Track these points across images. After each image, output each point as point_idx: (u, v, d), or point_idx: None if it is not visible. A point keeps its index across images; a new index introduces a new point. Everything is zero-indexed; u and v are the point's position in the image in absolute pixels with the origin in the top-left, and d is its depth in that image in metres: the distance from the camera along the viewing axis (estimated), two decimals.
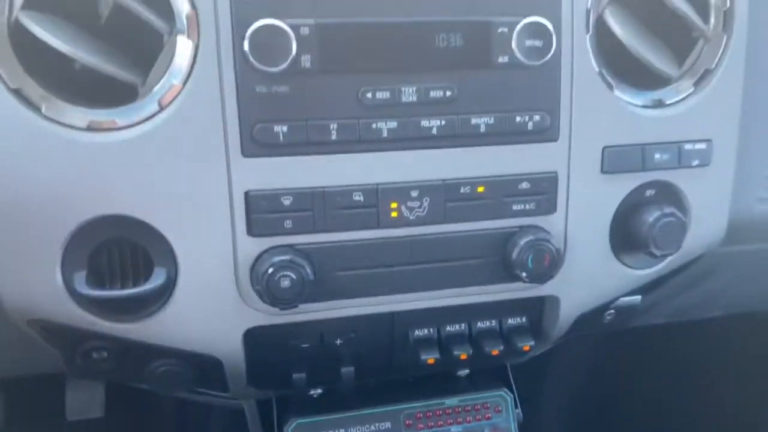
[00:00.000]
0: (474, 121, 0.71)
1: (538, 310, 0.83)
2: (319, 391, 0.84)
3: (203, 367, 0.75)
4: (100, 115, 0.65)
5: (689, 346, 1.49)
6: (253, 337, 0.73)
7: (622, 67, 0.76)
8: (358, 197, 0.70)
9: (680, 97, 0.78)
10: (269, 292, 0.67)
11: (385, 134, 0.69)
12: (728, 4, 0.77)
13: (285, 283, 0.67)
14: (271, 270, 0.67)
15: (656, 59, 0.76)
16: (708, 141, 0.79)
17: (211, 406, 1.41)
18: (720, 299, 1.15)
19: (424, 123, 0.70)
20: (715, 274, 0.98)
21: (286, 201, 0.68)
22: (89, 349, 0.74)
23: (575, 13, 0.72)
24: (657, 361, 1.50)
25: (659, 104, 0.78)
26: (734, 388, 1.44)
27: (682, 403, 1.48)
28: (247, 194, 0.68)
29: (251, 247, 0.69)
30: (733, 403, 1.44)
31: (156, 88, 0.66)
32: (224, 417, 1.39)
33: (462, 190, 0.72)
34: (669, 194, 0.80)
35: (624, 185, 0.78)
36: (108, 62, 0.64)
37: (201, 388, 0.85)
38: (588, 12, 0.73)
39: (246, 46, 0.64)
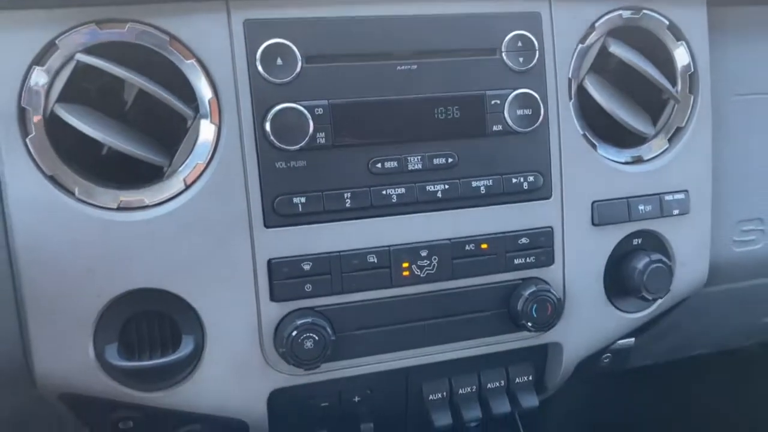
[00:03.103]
0: (474, 183, 0.77)
1: (542, 358, 0.88)
2: None
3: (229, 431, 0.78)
4: (130, 195, 0.70)
5: (677, 385, 1.55)
6: (277, 399, 0.76)
7: (603, 128, 0.84)
8: (372, 259, 0.75)
9: (657, 153, 0.86)
10: (293, 354, 0.71)
11: (394, 200, 0.75)
12: (692, 69, 0.86)
13: (308, 344, 0.71)
14: (294, 332, 0.71)
15: (632, 120, 0.83)
16: (685, 191, 0.86)
17: None
18: (704, 338, 1.21)
19: (429, 188, 0.75)
20: (699, 315, 1.04)
21: (306, 266, 0.73)
22: (116, 420, 0.76)
23: (559, 83, 0.80)
24: (652, 399, 1.55)
25: (639, 160, 0.85)
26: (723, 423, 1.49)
27: None
28: (269, 262, 0.72)
29: (274, 311, 0.73)
30: None
31: (181, 168, 0.71)
32: None
33: (467, 248, 0.77)
34: (654, 242, 0.86)
35: (613, 236, 0.84)
36: (136, 146, 0.69)
37: None
38: (570, 81, 0.81)
39: (268, 127, 0.70)
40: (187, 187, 0.71)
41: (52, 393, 0.72)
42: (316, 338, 0.71)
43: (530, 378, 0.87)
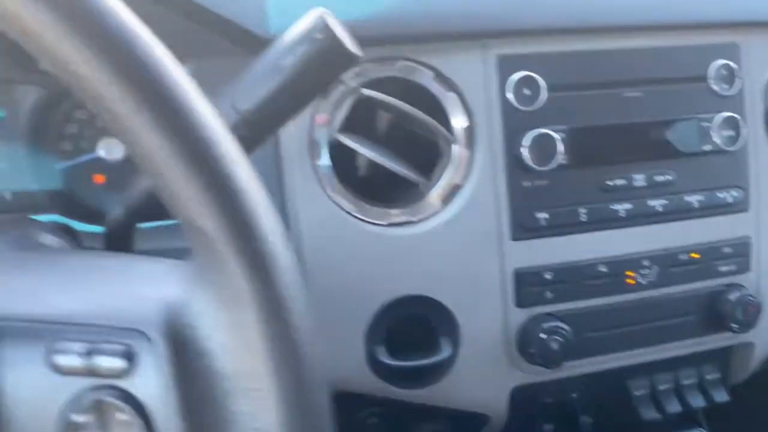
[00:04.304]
0: (687, 198, 0.85)
1: (726, 357, 0.95)
2: None
3: (467, 426, 0.86)
4: (397, 214, 0.79)
5: None
6: (516, 395, 0.84)
7: None
8: (603, 268, 0.83)
9: None
10: (542, 354, 0.79)
11: (622, 214, 0.83)
12: None
13: (554, 345, 0.79)
14: (544, 335, 0.79)
15: None
16: None
17: None
18: None
19: (651, 202, 0.84)
20: None
21: (548, 275, 0.81)
22: (366, 416, 0.84)
23: (755, 107, 0.88)
24: None
25: None
26: None
27: None
28: (516, 272, 0.80)
29: (519, 316, 0.81)
30: None
31: (437, 189, 0.79)
32: None
33: (680, 257, 0.85)
34: None
35: None
36: (402, 167, 0.78)
37: None
38: (766, 107, 0.89)
39: (525, 151, 0.78)
40: (445, 205, 0.79)
41: (328, 393, 0.80)
42: (561, 340, 0.79)
43: (719, 375, 0.94)
